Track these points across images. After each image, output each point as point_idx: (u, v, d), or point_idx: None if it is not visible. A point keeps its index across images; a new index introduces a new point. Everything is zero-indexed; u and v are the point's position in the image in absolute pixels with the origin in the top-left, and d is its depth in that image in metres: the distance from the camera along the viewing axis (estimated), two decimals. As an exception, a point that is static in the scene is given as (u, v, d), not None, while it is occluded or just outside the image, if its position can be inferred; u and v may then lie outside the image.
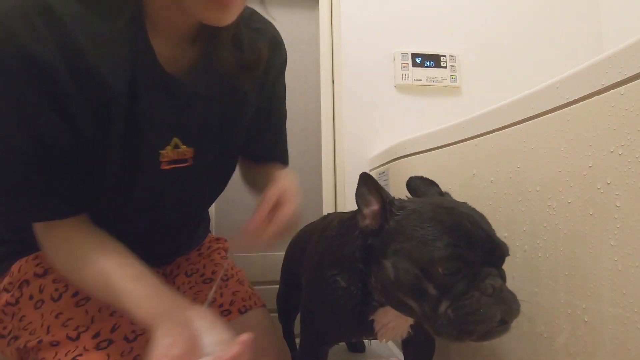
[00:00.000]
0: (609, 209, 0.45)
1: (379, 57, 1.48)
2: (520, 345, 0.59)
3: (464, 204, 0.52)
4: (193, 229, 0.79)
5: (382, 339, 0.60)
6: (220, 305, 0.75)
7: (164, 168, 0.58)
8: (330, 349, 0.71)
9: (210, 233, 0.89)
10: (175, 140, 0.58)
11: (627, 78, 0.42)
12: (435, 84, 1.52)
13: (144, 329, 0.57)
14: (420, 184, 0.62)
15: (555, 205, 0.53)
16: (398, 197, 0.55)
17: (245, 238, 0.58)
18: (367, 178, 0.52)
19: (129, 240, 0.54)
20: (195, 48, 0.57)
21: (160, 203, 0.63)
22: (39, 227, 0.54)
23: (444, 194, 0.61)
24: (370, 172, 1.31)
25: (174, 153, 0.58)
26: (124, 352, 0.55)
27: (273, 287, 1.02)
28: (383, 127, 1.44)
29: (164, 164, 0.58)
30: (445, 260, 0.44)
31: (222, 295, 0.75)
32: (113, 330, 0.56)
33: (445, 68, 1.53)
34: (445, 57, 1.53)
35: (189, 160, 0.61)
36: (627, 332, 0.43)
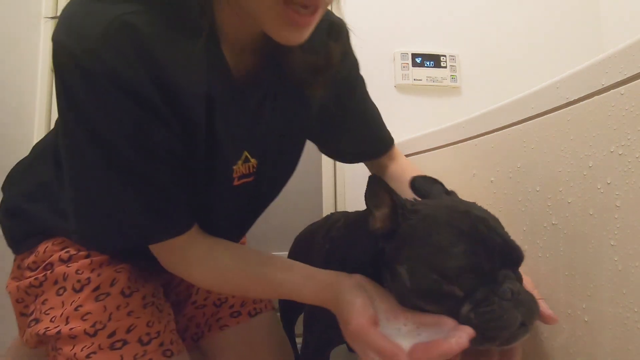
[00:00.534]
0: (609, 209, 0.45)
1: (379, 57, 1.48)
2: (520, 345, 0.59)
3: (476, 206, 0.52)
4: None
5: None
6: (231, 306, 0.75)
7: (235, 184, 0.57)
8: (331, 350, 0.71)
9: None
10: (245, 154, 0.57)
11: (627, 78, 0.42)
12: (435, 84, 1.52)
13: (158, 334, 0.58)
14: (424, 183, 0.61)
15: (555, 205, 0.53)
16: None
17: None
18: (377, 179, 0.51)
19: None
20: (257, 52, 0.56)
21: (227, 216, 0.62)
22: (169, 249, 0.53)
23: (450, 192, 0.60)
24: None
25: (244, 167, 0.57)
26: (137, 354, 0.55)
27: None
28: (383, 127, 1.44)
29: (236, 180, 0.57)
30: (464, 270, 0.43)
31: (233, 296, 0.75)
32: (129, 331, 0.56)
33: (445, 68, 1.53)
34: (445, 57, 1.53)
35: (253, 174, 0.60)
36: (627, 332, 0.43)
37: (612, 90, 0.44)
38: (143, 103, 0.44)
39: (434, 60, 1.52)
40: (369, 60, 1.50)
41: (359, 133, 0.73)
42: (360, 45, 0.71)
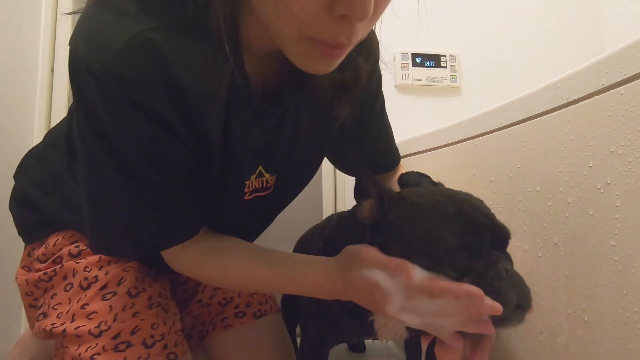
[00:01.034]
0: (609, 209, 0.45)
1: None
2: (520, 345, 0.59)
3: (461, 191, 0.52)
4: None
5: (382, 339, 0.60)
6: (237, 306, 0.74)
7: (246, 198, 0.57)
8: (331, 349, 0.71)
9: None
10: (260, 169, 0.56)
11: (627, 78, 0.42)
12: (435, 84, 1.52)
13: (162, 336, 0.58)
14: (412, 177, 0.62)
15: (555, 205, 0.53)
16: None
17: None
18: (364, 173, 0.52)
19: None
20: (280, 64, 0.53)
21: (239, 227, 0.62)
22: (175, 251, 0.54)
23: (437, 184, 0.60)
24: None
25: (257, 182, 0.57)
26: (141, 357, 0.55)
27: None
28: (383, 127, 1.44)
29: (247, 194, 0.57)
30: (456, 249, 0.43)
31: (239, 296, 0.75)
32: (133, 333, 0.56)
33: (445, 68, 1.53)
34: (445, 57, 1.54)
35: (271, 188, 0.59)
36: (627, 332, 0.43)
37: (612, 90, 0.44)
38: (158, 121, 0.44)
39: (434, 60, 1.53)
40: (369, 60, 1.51)
41: (372, 148, 0.73)
42: (360, 46, 0.70)
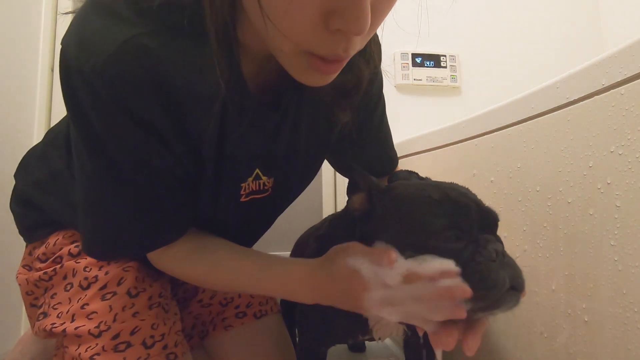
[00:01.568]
0: (609, 209, 0.45)
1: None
2: (520, 345, 0.59)
3: (448, 182, 0.52)
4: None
5: (377, 337, 0.60)
6: (237, 307, 0.74)
7: (242, 200, 0.57)
8: (331, 349, 0.71)
9: None
10: (257, 171, 0.56)
11: (627, 78, 0.42)
12: (435, 84, 1.52)
13: (162, 336, 0.58)
14: (401, 175, 0.63)
15: (555, 205, 0.53)
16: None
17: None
18: (356, 170, 0.53)
19: None
20: (279, 68, 0.51)
21: (236, 229, 0.62)
22: (160, 252, 0.54)
23: (424, 179, 0.61)
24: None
25: (254, 184, 0.57)
26: (140, 358, 0.55)
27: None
28: (383, 127, 1.44)
29: (243, 197, 0.57)
30: (443, 230, 0.43)
31: (240, 296, 0.75)
32: (133, 333, 0.56)
33: (445, 68, 1.53)
34: (445, 57, 1.54)
35: (269, 190, 0.59)
36: (627, 332, 0.43)
37: (612, 90, 0.44)
38: (147, 127, 0.44)
39: (434, 60, 1.53)
40: (369, 60, 1.51)
41: (372, 151, 0.73)
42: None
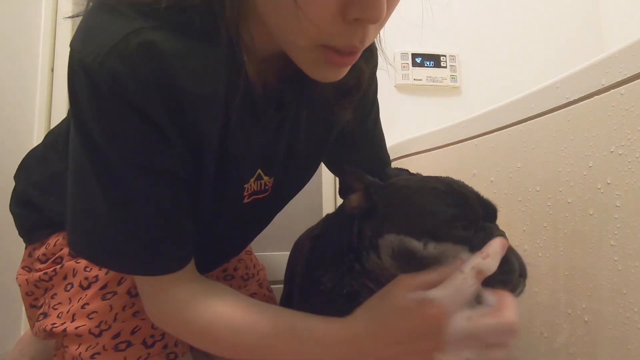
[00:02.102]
0: (609, 209, 0.45)
1: (379, 57, 1.48)
2: (520, 345, 0.59)
3: (442, 176, 0.52)
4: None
5: None
6: None
7: (245, 202, 0.56)
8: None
9: None
10: (259, 171, 0.55)
11: (627, 78, 0.42)
12: (435, 84, 1.52)
13: (162, 336, 0.57)
14: (391, 172, 0.64)
15: (555, 205, 0.53)
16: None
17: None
18: (348, 170, 0.52)
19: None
20: (281, 67, 0.53)
21: (235, 230, 0.61)
22: (158, 289, 0.48)
23: (415, 175, 0.62)
24: (370, 172, 1.31)
25: (256, 185, 0.56)
26: (141, 357, 0.55)
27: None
28: (383, 127, 1.44)
29: (246, 198, 0.56)
30: (455, 219, 0.43)
31: None
32: (133, 332, 0.55)
33: (445, 68, 1.53)
34: (445, 57, 1.54)
35: (269, 190, 0.58)
36: (627, 332, 0.43)
37: (612, 90, 0.44)
38: (148, 122, 0.42)
39: (434, 60, 1.53)
40: (369, 60, 1.51)
41: (367, 153, 0.73)
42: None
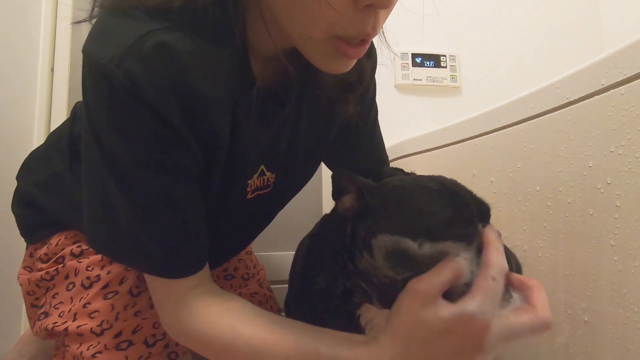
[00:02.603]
0: (609, 209, 0.45)
1: (379, 57, 1.48)
2: (520, 345, 0.59)
3: (435, 175, 0.52)
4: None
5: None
6: None
7: (249, 197, 0.56)
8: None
9: None
10: (262, 167, 0.56)
11: (627, 78, 0.42)
12: (435, 84, 1.52)
13: (163, 335, 0.57)
14: (386, 172, 0.64)
15: (555, 205, 0.53)
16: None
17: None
18: (339, 172, 0.52)
19: None
20: (282, 63, 0.53)
21: (238, 227, 0.62)
22: (176, 298, 0.47)
23: (409, 174, 0.62)
24: (370, 172, 1.31)
25: (259, 180, 0.56)
26: (142, 356, 0.55)
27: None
28: (383, 127, 1.44)
29: (249, 193, 0.56)
30: (450, 219, 0.43)
31: (240, 295, 0.75)
32: (135, 332, 0.56)
33: (445, 68, 1.53)
34: (445, 57, 1.54)
35: (270, 186, 0.59)
36: (627, 332, 0.43)
37: (612, 90, 0.44)
38: (162, 121, 0.42)
39: (434, 60, 1.53)
40: (369, 60, 1.51)
41: (366, 153, 0.74)
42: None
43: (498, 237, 0.42)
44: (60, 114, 1.28)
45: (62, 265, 0.59)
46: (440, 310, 0.37)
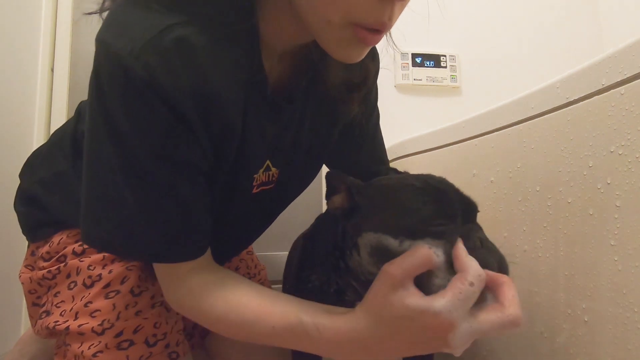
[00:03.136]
0: (609, 209, 0.45)
1: (379, 57, 1.48)
2: (520, 345, 0.59)
3: (424, 174, 0.53)
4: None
5: None
6: None
7: (254, 192, 0.57)
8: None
9: None
10: (268, 162, 0.57)
11: (627, 78, 0.42)
12: (435, 84, 1.52)
13: (164, 335, 0.58)
14: (380, 172, 0.65)
15: (555, 205, 0.53)
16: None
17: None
18: (331, 173, 0.54)
19: None
20: (293, 63, 0.55)
21: (242, 223, 0.62)
22: (177, 277, 0.49)
23: (402, 173, 0.63)
24: (370, 172, 1.31)
25: (264, 175, 0.57)
26: (143, 356, 0.55)
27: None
28: (383, 127, 1.44)
29: (255, 188, 0.57)
30: (431, 216, 0.43)
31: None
32: (136, 331, 0.56)
33: (445, 68, 1.53)
34: (445, 57, 1.54)
35: (274, 182, 0.60)
36: (627, 332, 0.43)
37: (612, 90, 0.44)
38: (176, 114, 0.43)
39: (434, 60, 1.53)
40: (369, 60, 1.51)
41: (367, 155, 0.74)
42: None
43: (483, 243, 0.42)
44: (60, 114, 1.28)
45: (63, 264, 0.59)
46: (407, 297, 0.39)
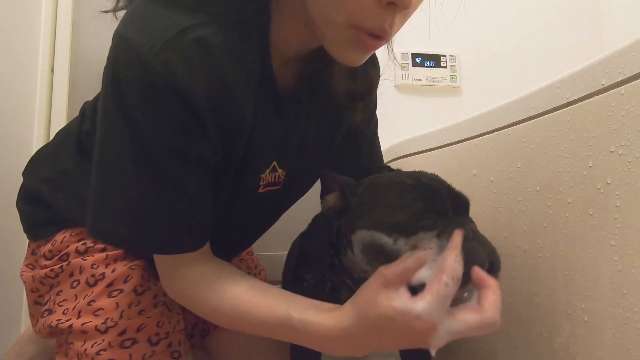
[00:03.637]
0: (609, 209, 0.45)
1: (379, 57, 1.48)
2: (520, 345, 0.59)
3: (416, 171, 0.53)
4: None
5: None
6: None
7: (260, 191, 0.58)
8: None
9: None
10: (274, 163, 0.58)
11: (627, 78, 0.42)
12: (435, 84, 1.52)
13: (167, 334, 0.58)
14: (376, 170, 0.65)
15: (555, 205, 0.53)
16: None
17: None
18: (325, 173, 0.54)
19: None
20: (300, 68, 0.57)
21: (245, 222, 0.63)
22: (174, 266, 0.51)
23: (395, 171, 0.63)
24: (370, 172, 1.31)
25: (270, 176, 0.58)
26: (146, 354, 0.55)
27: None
28: (383, 127, 1.43)
29: (261, 187, 0.58)
30: (422, 212, 0.44)
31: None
32: (139, 330, 0.56)
33: (445, 68, 1.53)
34: (445, 57, 1.54)
35: (281, 183, 0.60)
36: (627, 332, 0.43)
37: (612, 90, 0.44)
38: (191, 111, 0.44)
39: (434, 60, 1.53)
40: (369, 60, 1.51)
41: (365, 159, 0.76)
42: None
43: (460, 239, 0.42)
44: (60, 114, 1.28)
45: (66, 263, 0.60)
46: (394, 298, 0.39)
